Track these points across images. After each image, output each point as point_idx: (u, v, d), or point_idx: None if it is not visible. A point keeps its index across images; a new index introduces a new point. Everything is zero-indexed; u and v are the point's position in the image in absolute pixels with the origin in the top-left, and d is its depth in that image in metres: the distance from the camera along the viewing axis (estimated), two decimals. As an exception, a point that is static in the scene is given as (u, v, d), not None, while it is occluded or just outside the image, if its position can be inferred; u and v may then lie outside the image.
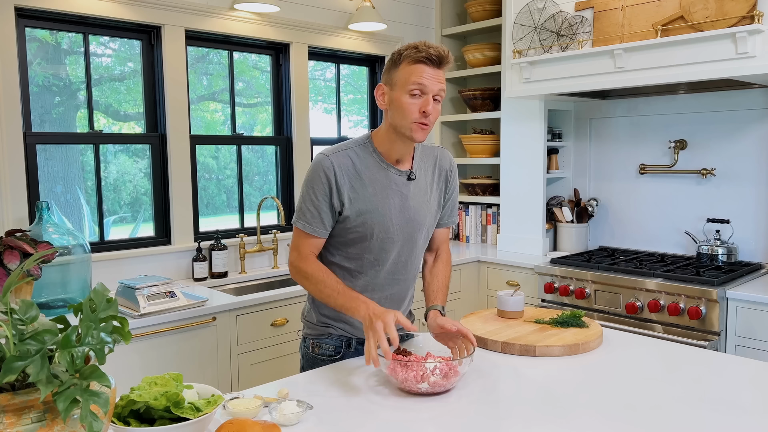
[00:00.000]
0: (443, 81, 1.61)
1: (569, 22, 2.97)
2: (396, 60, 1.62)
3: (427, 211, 1.76)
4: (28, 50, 2.65)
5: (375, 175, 1.68)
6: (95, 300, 1.05)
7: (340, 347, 1.78)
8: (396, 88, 1.61)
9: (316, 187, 1.65)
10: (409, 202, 1.71)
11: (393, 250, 1.72)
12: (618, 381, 1.55)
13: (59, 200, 2.81)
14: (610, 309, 2.93)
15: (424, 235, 1.78)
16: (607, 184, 3.60)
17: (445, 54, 1.59)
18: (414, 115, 1.59)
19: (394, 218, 1.69)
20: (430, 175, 1.78)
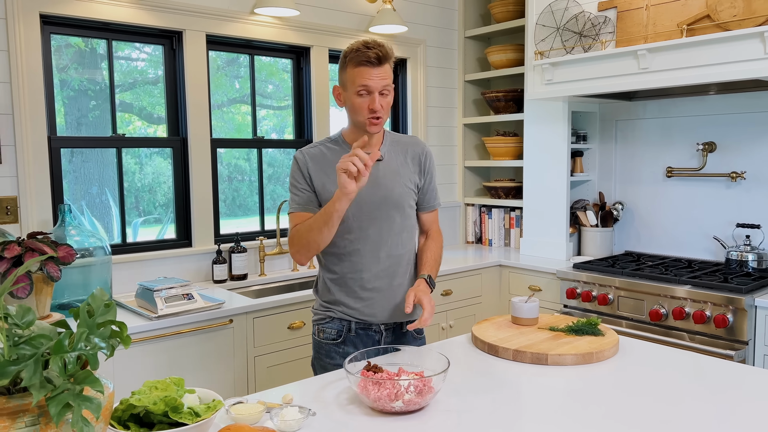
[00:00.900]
0: (387, 76, 1.76)
1: (592, 23, 2.91)
2: (343, 63, 1.79)
3: (401, 190, 1.88)
4: (65, 56, 2.72)
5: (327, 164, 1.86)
6: (93, 305, 1.06)
7: (342, 331, 1.89)
8: (347, 89, 1.79)
9: (296, 176, 1.88)
10: (380, 180, 1.86)
11: (372, 228, 1.85)
12: (631, 392, 1.51)
13: (94, 202, 2.88)
14: (634, 316, 2.86)
15: (402, 213, 1.89)
16: (633, 188, 3.51)
17: (383, 53, 1.73)
18: (365, 113, 1.77)
19: (366, 197, 1.83)
20: (401, 158, 1.92)
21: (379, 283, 1.88)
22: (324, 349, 1.89)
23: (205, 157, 3.01)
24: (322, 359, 1.92)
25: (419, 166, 1.94)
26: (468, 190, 4.21)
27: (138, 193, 2.99)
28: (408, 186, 1.90)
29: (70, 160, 2.79)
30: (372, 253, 1.86)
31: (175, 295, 2.41)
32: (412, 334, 1.97)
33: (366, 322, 1.89)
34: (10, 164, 2.49)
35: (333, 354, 1.89)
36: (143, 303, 2.44)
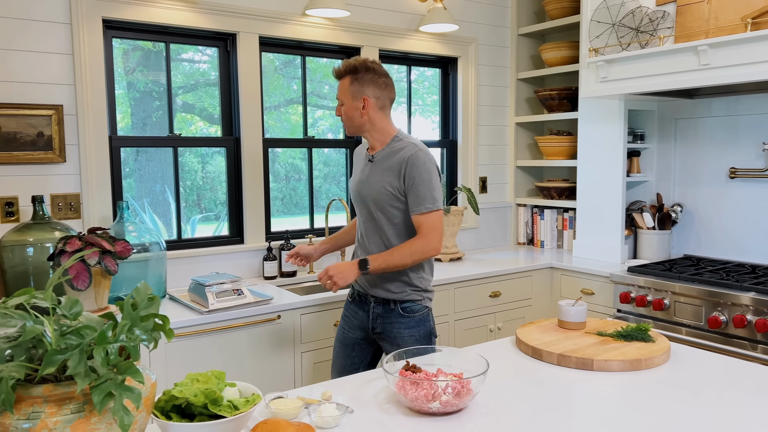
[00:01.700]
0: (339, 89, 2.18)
1: (649, 18, 2.81)
2: None
3: (380, 190, 2.14)
4: (132, 59, 2.84)
5: (360, 159, 2.30)
6: (137, 298, 1.10)
7: (354, 294, 2.31)
8: None
9: None
10: (365, 178, 2.20)
11: (361, 218, 2.25)
12: (680, 402, 1.45)
13: (157, 199, 3.00)
14: (691, 322, 2.74)
15: (383, 211, 2.15)
16: (693, 189, 3.37)
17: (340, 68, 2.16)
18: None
19: (357, 193, 2.24)
20: (389, 163, 2.15)
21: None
22: (345, 303, 2.36)
23: (257, 157, 3.08)
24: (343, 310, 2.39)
25: (399, 172, 2.11)
26: (519, 190, 4.14)
27: (200, 190, 3.09)
28: (387, 189, 2.13)
29: (135, 159, 2.91)
30: (363, 240, 2.24)
31: (226, 291, 2.48)
32: (399, 312, 2.17)
33: (362, 293, 2.25)
34: (73, 162, 2.61)
35: (346, 306, 2.35)
36: (195, 297, 2.52)
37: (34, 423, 0.95)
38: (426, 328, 2.19)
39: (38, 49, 2.51)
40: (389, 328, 2.17)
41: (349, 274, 2.06)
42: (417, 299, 2.18)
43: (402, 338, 2.16)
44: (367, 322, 2.22)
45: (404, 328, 2.16)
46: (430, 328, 2.21)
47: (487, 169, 4.00)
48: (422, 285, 2.19)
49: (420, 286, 2.18)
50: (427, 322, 2.20)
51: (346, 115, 2.16)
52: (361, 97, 2.12)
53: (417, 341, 2.16)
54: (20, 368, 0.93)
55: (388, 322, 2.17)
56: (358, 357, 2.28)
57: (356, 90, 2.12)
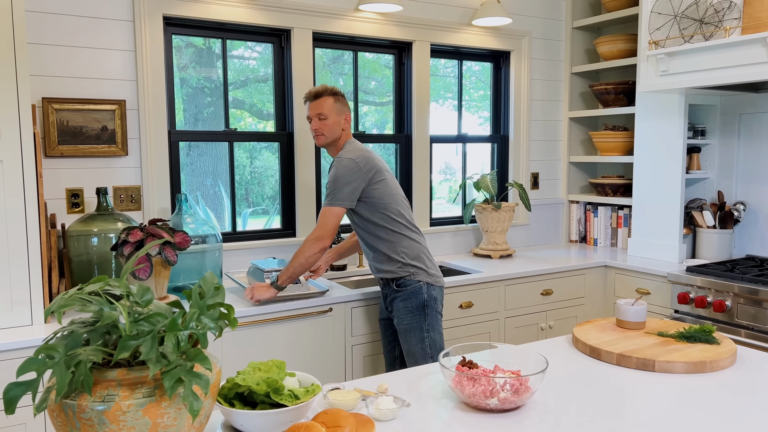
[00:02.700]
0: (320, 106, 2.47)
1: (715, 9, 2.71)
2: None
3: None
4: (185, 55, 2.91)
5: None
6: (204, 287, 1.13)
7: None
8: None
9: None
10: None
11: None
12: (747, 406, 1.40)
13: (208, 193, 3.07)
14: (755, 325, 2.64)
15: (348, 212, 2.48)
16: (757, 187, 3.24)
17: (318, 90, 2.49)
18: (312, 133, 2.53)
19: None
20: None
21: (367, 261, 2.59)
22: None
23: (309, 152, 3.11)
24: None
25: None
26: (572, 186, 4.06)
27: (248, 185, 3.15)
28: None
29: (187, 154, 2.98)
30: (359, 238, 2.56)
31: None
32: (394, 288, 2.46)
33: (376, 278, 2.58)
34: (135, 156, 2.70)
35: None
36: (253, 281, 2.57)
37: (109, 405, 0.99)
38: (419, 300, 2.43)
39: (103, 46, 2.60)
40: (392, 303, 2.48)
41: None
42: (405, 275, 2.44)
43: (398, 310, 2.44)
44: (384, 302, 2.55)
45: (400, 300, 2.45)
46: (422, 299, 2.43)
47: (539, 164, 3.93)
48: (408, 261, 2.44)
49: (406, 262, 2.44)
50: (419, 294, 2.43)
51: (330, 128, 2.47)
52: (344, 114, 2.50)
53: (409, 312, 2.43)
54: (98, 352, 0.97)
55: (391, 299, 2.48)
56: (393, 336, 2.57)
57: (339, 108, 2.48)
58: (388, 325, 2.58)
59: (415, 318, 2.42)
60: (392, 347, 2.58)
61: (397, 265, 2.45)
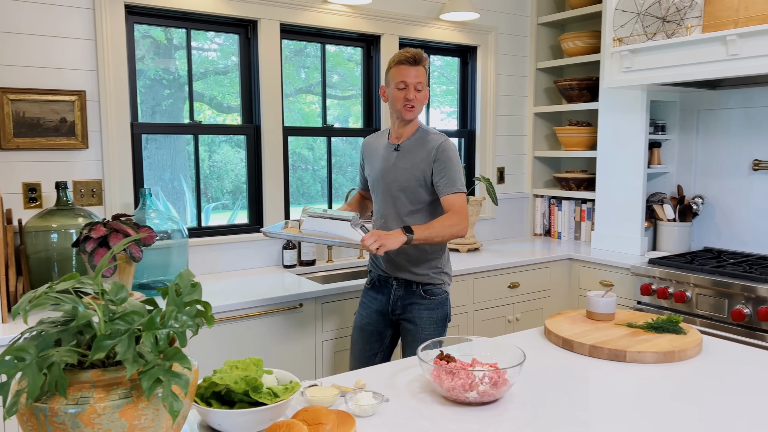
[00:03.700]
0: (421, 76, 2.20)
1: (677, 7, 2.77)
2: (389, 67, 2.26)
3: (409, 174, 2.22)
4: (142, 46, 2.82)
5: (380, 148, 2.34)
6: (181, 284, 1.10)
7: (372, 280, 2.36)
8: (389, 86, 2.25)
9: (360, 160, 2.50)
10: (392, 165, 2.26)
11: (386, 204, 2.29)
12: (715, 393, 1.44)
13: (167, 187, 2.99)
14: (714, 315, 2.73)
15: (409, 196, 2.23)
16: (715, 181, 3.34)
17: (419, 56, 2.19)
18: (401, 101, 2.21)
19: (381, 177, 2.29)
20: (418, 151, 2.24)
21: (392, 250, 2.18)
22: (363, 290, 2.42)
23: (277, 145, 3.07)
24: (360, 297, 2.44)
25: (429, 159, 2.21)
26: (537, 181, 4.11)
27: (207, 180, 3.08)
28: (415, 174, 2.22)
29: (145, 147, 2.90)
30: (386, 224, 2.27)
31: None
32: (420, 293, 2.25)
33: (384, 276, 2.31)
34: (95, 149, 2.61)
35: (364, 293, 2.40)
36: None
37: (83, 408, 0.95)
38: (444, 312, 2.28)
39: (61, 34, 2.50)
40: (409, 308, 2.26)
41: (395, 240, 2.03)
42: (438, 282, 2.27)
43: (421, 319, 2.25)
44: (387, 305, 2.30)
45: (424, 309, 2.25)
46: (447, 311, 2.30)
47: (504, 159, 3.97)
48: (444, 268, 2.29)
49: (442, 269, 2.28)
50: (445, 305, 2.29)
51: (422, 102, 2.23)
52: (426, 86, 2.25)
53: (434, 323, 2.25)
54: (72, 353, 0.93)
55: (408, 303, 2.26)
56: (377, 343, 2.34)
57: (426, 79, 2.24)
58: (382, 333, 2.32)
59: (437, 330, 2.24)
60: (373, 354, 2.34)
61: (434, 269, 2.25)
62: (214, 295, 2.49)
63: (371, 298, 2.35)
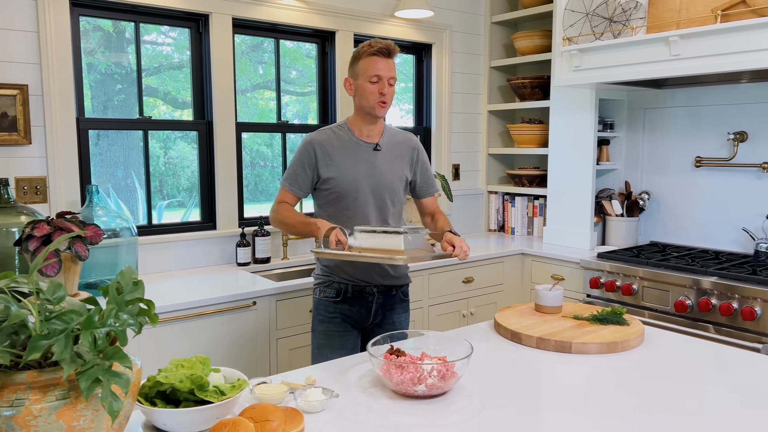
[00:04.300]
0: (394, 69, 2.08)
1: (623, 8, 2.85)
2: (356, 56, 2.10)
3: (393, 177, 2.15)
4: (92, 39, 2.74)
5: (348, 147, 2.13)
6: (122, 282, 1.08)
7: (340, 292, 2.14)
8: (359, 78, 2.08)
9: (297, 156, 2.14)
10: (376, 168, 2.12)
11: (371, 208, 2.12)
12: (655, 382, 1.49)
13: (119, 185, 2.91)
14: (659, 307, 2.82)
15: (393, 198, 2.16)
16: (660, 177, 3.46)
17: (392, 48, 2.06)
18: (375, 97, 2.05)
19: (364, 180, 2.10)
20: (396, 151, 2.17)
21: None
22: (323, 305, 2.16)
23: (230, 141, 3.03)
24: (321, 313, 2.17)
25: (411, 160, 2.21)
26: (491, 177, 4.17)
27: (162, 177, 3.02)
28: (399, 176, 2.17)
29: (96, 144, 2.82)
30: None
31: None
32: (400, 297, 2.21)
33: (361, 286, 2.14)
34: (39, 145, 2.53)
35: (332, 309, 2.15)
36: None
37: (18, 410, 0.92)
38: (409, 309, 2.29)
39: (1, 25, 2.41)
40: (389, 314, 2.18)
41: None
42: (409, 282, 2.27)
43: (401, 323, 2.22)
44: (368, 315, 2.14)
45: (403, 312, 2.23)
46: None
47: (459, 156, 4.02)
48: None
49: (409, 267, 2.29)
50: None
51: (392, 97, 2.11)
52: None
53: (409, 322, 2.28)
54: (5, 354, 0.90)
55: (389, 309, 2.18)
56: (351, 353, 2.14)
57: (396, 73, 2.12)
58: (353, 346, 2.16)
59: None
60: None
61: (407, 269, 2.25)
62: (165, 294, 2.44)
63: (343, 312, 2.13)
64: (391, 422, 1.28)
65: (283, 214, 2.13)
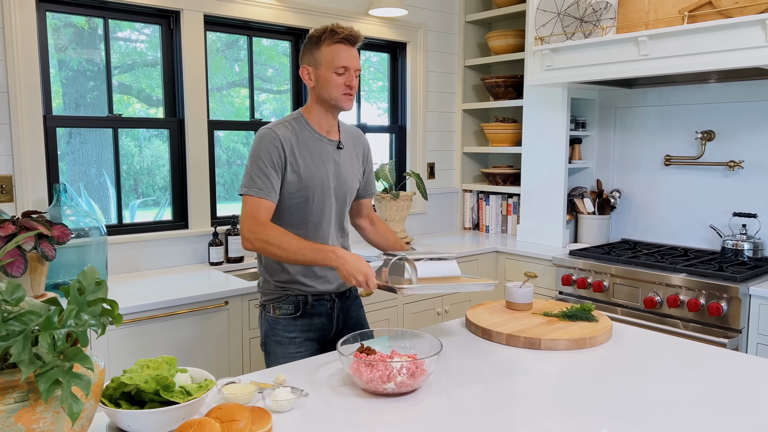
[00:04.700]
0: (358, 58, 1.89)
1: (593, 8, 2.89)
2: (316, 42, 1.86)
3: (354, 176, 2.01)
4: (64, 36, 2.69)
5: (311, 145, 1.90)
6: (83, 282, 1.06)
7: (299, 306, 1.93)
8: (320, 66, 1.85)
9: (263, 156, 1.83)
10: (340, 167, 1.96)
11: (332, 212, 1.95)
12: (622, 377, 1.51)
13: (92, 183, 2.87)
14: (629, 303, 2.87)
15: (351, 197, 2.03)
16: (631, 176, 3.51)
17: (356, 35, 1.86)
18: (341, 89, 1.85)
19: (331, 181, 1.92)
20: (353, 147, 2.03)
21: None
22: (282, 324, 1.93)
23: (201, 139, 3.00)
24: (278, 334, 1.94)
25: (363, 158, 2.09)
26: (466, 176, 4.20)
27: (137, 175, 2.98)
28: (357, 176, 2.05)
29: (68, 142, 2.77)
30: (330, 234, 1.96)
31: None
32: (354, 295, 2.08)
33: (320, 294, 1.95)
34: (5, 143, 2.47)
35: (291, 327, 1.93)
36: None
37: (-26, 414, 0.90)
38: None
39: (-36, 20, 2.36)
40: (349, 315, 2.03)
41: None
42: None
43: (363, 320, 2.08)
44: (330, 325, 1.97)
45: (360, 308, 2.09)
46: None
47: (434, 155, 4.03)
48: None
49: None
50: None
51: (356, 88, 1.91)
52: None
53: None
54: (-41, 356, 0.88)
55: (346, 312, 2.02)
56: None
57: None
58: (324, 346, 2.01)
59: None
60: None
61: None
62: (135, 294, 2.41)
63: (305, 329, 1.93)
64: (360, 420, 1.28)
65: (278, 238, 1.75)
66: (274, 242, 1.76)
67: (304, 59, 1.90)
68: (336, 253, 1.73)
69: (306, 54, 1.89)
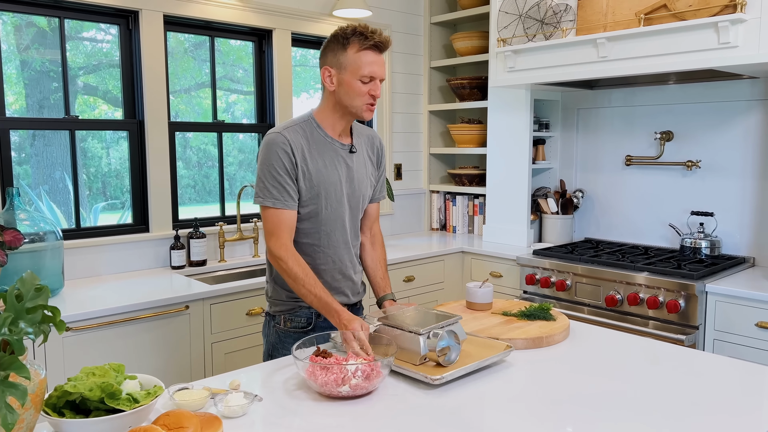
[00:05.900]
0: (385, 65, 1.78)
1: (553, 10, 2.92)
2: (343, 43, 1.72)
3: (367, 181, 1.91)
4: (26, 36, 2.62)
5: (322, 149, 1.80)
6: (22, 289, 1.03)
7: (311, 319, 1.86)
8: (346, 72, 1.72)
9: (275, 162, 1.72)
10: (353, 172, 1.85)
11: (345, 219, 1.85)
12: (578, 375, 1.53)
13: (57, 186, 2.80)
14: (591, 301, 2.91)
15: (365, 203, 1.93)
16: (593, 176, 3.56)
17: (385, 41, 1.74)
18: (365, 98, 1.74)
19: (343, 188, 1.83)
20: (366, 150, 1.93)
21: (349, 271, 1.91)
22: (292, 338, 1.83)
23: (162, 141, 2.95)
24: (288, 348, 1.83)
25: (377, 159, 1.98)
26: (433, 177, 4.21)
27: (105, 178, 2.92)
28: (371, 178, 1.94)
29: (31, 144, 2.71)
30: (345, 243, 1.87)
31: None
32: (360, 310, 2.04)
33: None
34: (-45, 146, 2.40)
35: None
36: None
37: None
38: None
39: None
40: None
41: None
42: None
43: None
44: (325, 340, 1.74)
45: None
46: None
47: (401, 156, 4.04)
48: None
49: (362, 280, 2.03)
50: None
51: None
52: None
53: None
54: None
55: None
56: None
57: None
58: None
59: None
60: None
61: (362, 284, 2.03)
62: (93, 299, 2.36)
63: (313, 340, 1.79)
64: (314, 424, 1.27)
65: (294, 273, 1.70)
66: (290, 276, 1.71)
67: (326, 59, 1.75)
68: (341, 318, 1.63)
69: (329, 54, 1.75)
